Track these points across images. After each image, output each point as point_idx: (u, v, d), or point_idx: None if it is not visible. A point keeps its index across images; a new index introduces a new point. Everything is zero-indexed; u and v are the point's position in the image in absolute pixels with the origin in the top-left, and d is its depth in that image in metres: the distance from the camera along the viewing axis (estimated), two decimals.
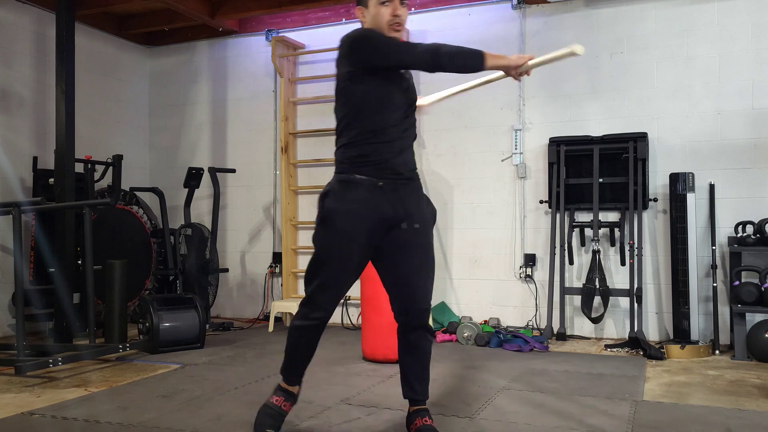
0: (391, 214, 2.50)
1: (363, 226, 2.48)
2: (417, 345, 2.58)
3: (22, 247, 4.15)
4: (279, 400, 2.66)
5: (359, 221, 2.48)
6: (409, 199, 2.54)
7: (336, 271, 2.52)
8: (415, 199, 2.57)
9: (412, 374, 2.60)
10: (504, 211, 5.41)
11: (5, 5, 5.39)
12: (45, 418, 2.95)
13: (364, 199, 2.48)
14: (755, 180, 4.72)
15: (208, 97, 6.54)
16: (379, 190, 2.49)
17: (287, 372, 2.68)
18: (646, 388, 3.51)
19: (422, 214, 2.58)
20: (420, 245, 2.55)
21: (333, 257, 2.51)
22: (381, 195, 2.49)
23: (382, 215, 2.49)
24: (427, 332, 2.59)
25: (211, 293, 5.78)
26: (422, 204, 2.60)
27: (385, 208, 2.49)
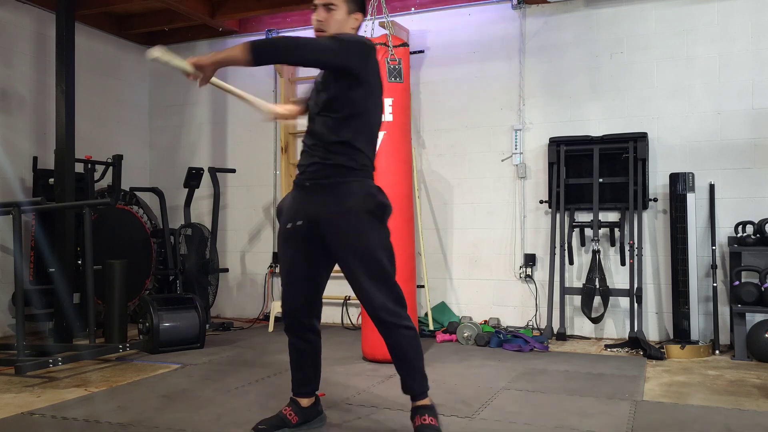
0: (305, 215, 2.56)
1: (284, 226, 2.63)
2: (388, 341, 2.57)
3: (22, 247, 4.14)
4: (287, 410, 2.72)
5: (283, 221, 2.65)
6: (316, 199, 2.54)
7: (286, 272, 2.66)
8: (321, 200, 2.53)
9: (398, 370, 2.61)
10: (504, 211, 5.41)
11: (5, 5, 5.39)
12: (45, 418, 2.96)
13: (287, 199, 2.68)
14: (755, 180, 4.72)
15: (208, 97, 6.54)
16: (298, 190, 2.62)
17: (292, 381, 2.75)
18: (646, 388, 3.51)
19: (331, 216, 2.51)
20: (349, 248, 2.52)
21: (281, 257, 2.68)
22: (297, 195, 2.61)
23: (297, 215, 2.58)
24: (390, 328, 2.53)
25: (211, 293, 5.78)
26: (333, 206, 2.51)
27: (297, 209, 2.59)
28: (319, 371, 2.79)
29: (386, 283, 2.52)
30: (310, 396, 2.76)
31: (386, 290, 2.51)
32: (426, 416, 2.55)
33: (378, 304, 2.50)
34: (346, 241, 2.50)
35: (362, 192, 2.52)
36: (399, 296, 2.54)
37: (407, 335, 2.54)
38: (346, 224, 2.50)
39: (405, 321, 2.54)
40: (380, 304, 2.50)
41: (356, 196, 2.50)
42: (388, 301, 2.51)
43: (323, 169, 2.53)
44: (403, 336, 2.54)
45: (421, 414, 2.56)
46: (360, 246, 2.49)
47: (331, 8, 2.59)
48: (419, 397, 2.59)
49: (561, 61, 5.26)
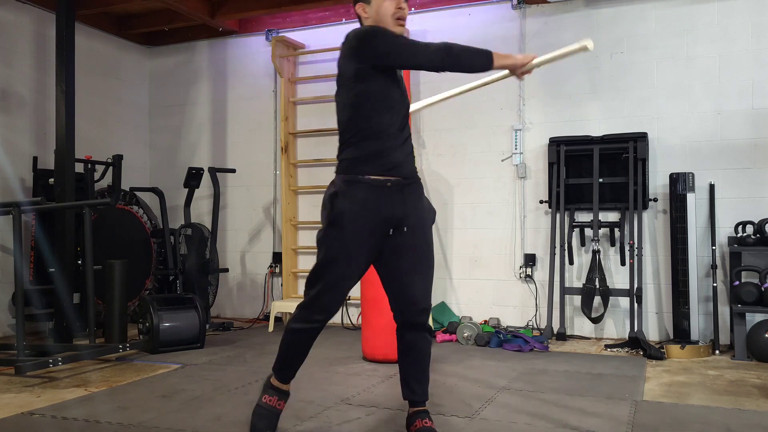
0: (395, 214, 2.48)
1: (371, 227, 2.46)
2: (415, 346, 2.56)
3: (22, 247, 4.14)
4: (272, 400, 2.62)
5: (368, 222, 2.45)
6: (411, 199, 2.53)
7: (343, 272, 2.49)
8: (417, 199, 2.56)
9: (411, 375, 2.58)
10: (504, 211, 5.41)
11: (5, 5, 5.39)
12: (45, 418, 2.95)
13: (373, 199, 2.45)
14: (755, 180, 4.72)
15: (208, 97, 6.54)
16: (385, 191, 2.47)
17: (281, 372, 2.64)
18: (646, 388, 3.51)
19: (421, 215, 2.56)
20: (418, 246, 2.53)
21: (342, 258, 2.47)
22: (387, 196, 2.47)
23: (388, 215, 2.47)
24: (425, 332, 2.58)
25: (211, 293, 5.78)
26: (422, 205, 2.58)
27: (390, 209, 2.47)
28: None
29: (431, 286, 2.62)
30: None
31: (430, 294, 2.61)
32: (427, 419, 2.57)
33: (427, 303, 2.58)
34: (427, 238, 2.56)
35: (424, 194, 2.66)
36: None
37: (430, 339, 2.62)
38: (429, 222, 2.59)
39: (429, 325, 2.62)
40: (429, 304, 2.59)
41: (425, 197, 2.63)
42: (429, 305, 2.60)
43: (413, 167, 2.57)
44: (427, 340, 2.59)
45: (422, 417, 2.57)
46: (431, 246, 2.59)
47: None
48: (421, 402, 2.61)
49: (561, 61, 5.24)
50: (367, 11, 2.55)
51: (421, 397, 2.60)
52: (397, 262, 2.52)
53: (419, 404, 2.60)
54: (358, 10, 2.58)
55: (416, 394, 2.59)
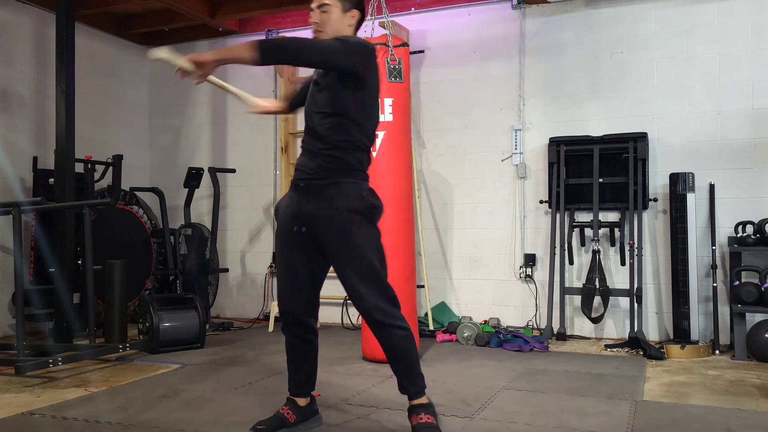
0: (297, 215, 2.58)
1: (281, 226, 2.66)
2: (385, 343, 2.56)
3: (22, 247, 4.14)
4: (285, 410, 2.72)
5: (280, 221, 2.68)
6: (312, 199, 2.55)
7: (281, 270, 2.66)
8: (317, 199, 2.53)
9: (395, 371, 2.61)
10: (504, 211, 5.41)
11: (5, 5, 5.39)
12: (45, 418, 2.96)
13: (285, 199, 2.68)
14: (755, 180, 4.72)
15: (208, 97, 6.54)
16: (295, 190, 2.62)
17: (289, 381, 2.75)
18: (646, 388, 3.51)
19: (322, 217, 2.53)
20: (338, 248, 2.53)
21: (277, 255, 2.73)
22: (294, 195, 2.62)
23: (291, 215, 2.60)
24: (383, 328, 2.52)
25: (211, 293, 5.78)
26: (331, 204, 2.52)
27: (293, 209, 2.60)
28: (316, 371, 2.78)
29: (377, 283, 2.52)
30: (307, 396, 2.76)
31: (377, 290, 2.51)
32: (422, 414, 2.55)
33: (370, 305, 2.50)
34: (336, 240, 2.52)
35: (353, 193, 2.53)
36: (391, 296, 2.54)
37: (400, 335, 2.54)
38: (336, 224, 2.51)
39: (398, 321, 2.53)
40: (372, 304, 2.50)
41: (347, 197, 2.52)
42: (379, 301, 2.51)
43: (319, 170, 2.54)
44: (397, 336, 2.53)
45: (418, 413, 2.56)
46: (350, 246, 2.51)
47: (325, 9, 2.58)
48: (416, 396, 2.60)
49: (561, 61, 5.26)
50: None
51: (406, 391, 2.60)
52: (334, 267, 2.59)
53: (413, 397, 2.60)
54: None
55: (405, 389, 2.60)
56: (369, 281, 2.50)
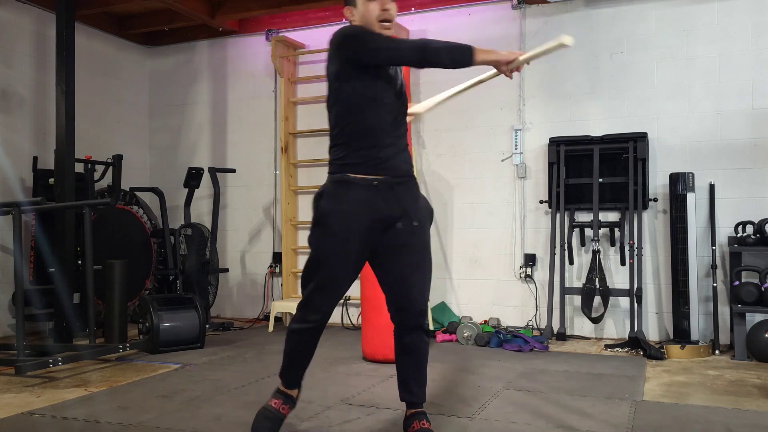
0: (386, 213, 2.47)
1: (359, 227, 2.45)
2: (413, 347, 2.55)
3: (22, 247, 4.14)
4: (277, 404, 2.63)
5: (355, 222, 2.44)
6: (404, 197, 2.52)
7: (333, 273, 2.48)
8: (411, 197, 2.54)
9: (409, 377, 2.58)
10: (504, 211, 5.41)
11: (5, 5, 5.39)
12: (45, 418, 2.95)
13: (360, 198, 2.45)
14: (755, 180, 4.72)
15: (208, 97, 6.54)
16: (373, 189, 2.46)
17: (285, 375, 2.65)
18: (646, 388, 3.51)
19: (418, 213, 2.55)
20: (415, 245, 2.52)
21: (329, 259, 2.47)
22: (376, 194, 2.46)
23: (378, 215, 2.46)
24: (423, 333, 2.56)
25: (211, 293, 5.78)
26: (419, 203, 2.57)
27: (381, 207, 2.46)
28: None
29: (429, 287, 2.61)
30: (300, 386, 2.72)
31: (428, 295, 2.60)
32: (424, 421, 2.56)
33: (424, 305, 2.56)
34: (423, 238, 2.55)
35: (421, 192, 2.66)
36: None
37: (427, 341, 2.60)
38: (426, 221, 2.58)
39: (428, 326, 2.61)
40: (423, 308, 2.55)
41: (421, 196, 2.63)
42: (426, 304, 2.58)
43: (407, 166, 2.56)
44: (425, 341, 2.58)
45: (420, 419, 2.56)
46: (428, 245, 2.58)
47: None
48: (419, 404, 2.60)
49: (561, 61, 5.26)
50: (353, 14, 2.56)
51: (419, 398, 2.59)
52: (392, 263, 2.52)
53: (417, 405, 2.59)
54: (346, 13, 2.60)
55: (414, 396, 2.58)
56: (427, 282, 2.58)
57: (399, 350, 2.58)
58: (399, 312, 2.54)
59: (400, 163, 2.53)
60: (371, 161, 2.47)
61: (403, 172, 2.53)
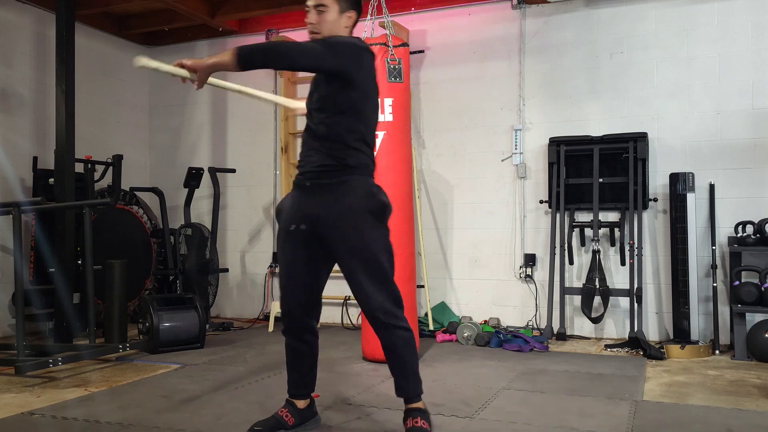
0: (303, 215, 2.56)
1: (283, 227, 2.62)
2: (388, 344, 2.54)
3: (22, 247, 4.14)
4: (284, 412, 2.69)
5: (283, 222, 2.63)
6: (324, 199, 2.51)
7: (285, 272, 2.63)
8: (329, 199, 2.50)
9: (394, 372, 2.59)
10: (504, 211, 5.41)
11: (5, 5, 5.39)
12: (45, 418, 2.95)
13: (288, 199, 2.65)
14: (755, 180, 4.72)
15: (208, 97, 6.54)
16: (298, 190, 2.60)
17: (288, 382, 2.73)
18: (646, 388, 3.51)
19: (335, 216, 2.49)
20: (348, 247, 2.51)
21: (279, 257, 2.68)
22: (298, 195, 2.60)
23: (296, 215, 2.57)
24: (394, 329, 2.51)
25: (211, 293, 5.78)
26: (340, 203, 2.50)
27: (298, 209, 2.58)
28: (315, 372, 2.76)
29: (385, 283, 2.51)
30: (306, 397, 2.74)
31: (385, 290, 2.50)
32: (418, 419, 2.54)
33: (376, 305, 2.49)
34: (347, 240, 2.49)
35: (362, 191, 2.51)
36: (397, 297, 2.53)
37: (403, 336, 2.53)
38: (346, 223, 2.48)
39: (401, 322, 2.52)
40: (378, 305, 2.49)
41: (356, 195, 2.49)
42: (386, 301, 2.50)
43: (323, 169, 2.52)
44: (399, 337, 2.52)
45: (414, 417, 2.55)
46: (360, 245, 2.48)
47: (322, 9, 2.56)
48: (412, 399, 2.59)
49: (561, 61, 5.26)
50: None
51: (408, 392, 2.58)
52: (341, 268, 2.58)
53: (410, 400, 2.59)
54: None
55: (403, 390, 2.59)
56: (377, 281, 2.49)
57: (382, 347, 2.60)
58: (364, 313, 2.57)
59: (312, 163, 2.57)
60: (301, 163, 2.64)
61: (315, 176, 2.55)
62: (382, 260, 2.50)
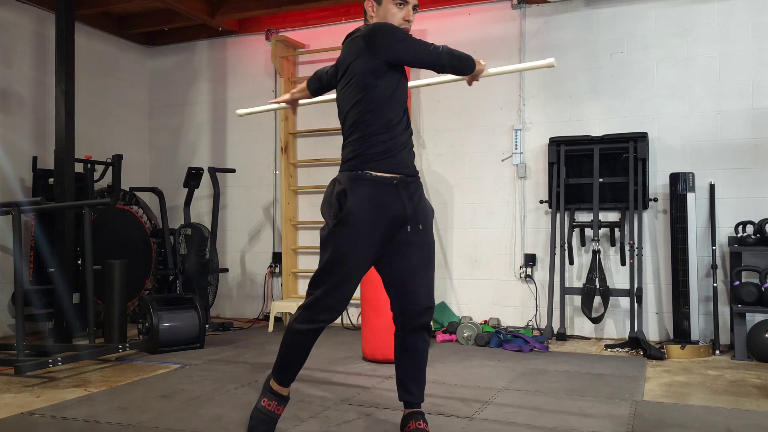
0: (402, 212, 2.48)
1: (380, 224, 2.45)
2: (414, 347, 2.54)
3: (22, 247, 4.14)
4: (272, 405, 2.59)
5: (377, 219, 2.44)
6: (415, 197, 2.53)
7: (351, 271, 2.47)
8: (419, 198, 2.55)
9: (409, 377, 2.57)
10: (504, 211, 5.41)
11: (5, 5, 5.39)
12: (45, 418, 2.95)
13: (380, 197, 2.45)
14: (755, 180, 4.72)
15: (208, 97, 6.54)
16: (393, 188, 2.47)
17: (281, 374, 2.61)
18: (646, 388, 3.51)
19: (426, 212, 2.57)
20: (423, 243, 2.53)
21: (350, 256, 2.45)
22: (395, 192, 2.47)
23: (396, 213, 2.47)
24: (426, 333, 2.56)
25: (211, 293, 5.77)
26: (424, 203, 2.59)
27: (398, 206, 2.47)
28: None
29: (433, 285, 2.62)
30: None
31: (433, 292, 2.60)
32: (421, 421, 2.56)
33: (430, 304, 2.55)
34: (426, 237, 2.54)
35: None
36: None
37: (429, 340, 2.61)
38: (427, 221, 2.57)
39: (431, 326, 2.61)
40: (431, 305, 2.55)
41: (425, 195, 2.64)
42: (433, 303, 2.58)
43: (414, 165, 2.58)
44: (427, 343, 2.59)
45: (416, 419, 2.56)
46: (433, 244, 2.60)
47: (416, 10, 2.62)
48: (417, 404, 2.60)
49: (561, 61, 5.25)
50: (375, 11, 2.57)
51: (418, 398, 2.59)
52: (401, 261, 2.51)
53: (415, 405, 2.59)
54: (367, 6, 2.59)
55: (413, 396, 2.58)
56: (433, 282, 2.58)
57: (399, 350, 2.57)
58: (404, 311, 2.53)
59: (411, 162, 2.56)
60: (392, 159, 2.48)
61: (414, 171, 2.57)
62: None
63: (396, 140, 2.49)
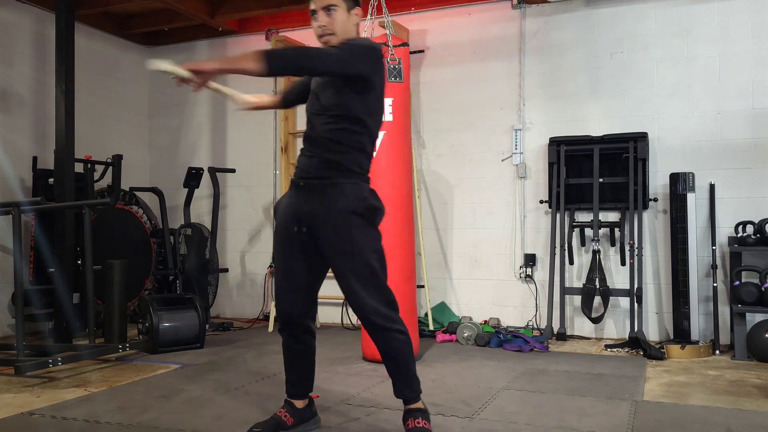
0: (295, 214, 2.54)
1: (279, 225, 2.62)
2: (385, 348, 2.52)
3: (22, 247, 4.14)
4: (282, 412, 2.68)
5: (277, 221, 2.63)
6: (312, 200, 2.49)
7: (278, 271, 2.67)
8: (317, 199, 2.49)
9: (390, 375, 2.58)
10: (504, 211, 5.41)
11: (5, 5, 5.39)
12: (45, 418, 2.95)
13: (287, 198, 2.61)
14: (755, 180, 4.72)
15: (208, 97, 6.54)
16: (295, 189, 2.58)
17: (286, 382, 2.72)
18: (646, 388, 3.51)
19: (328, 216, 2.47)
20: (337, 250, 2.48)
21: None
22: (293, 195, 2.57)
23: (291, 216, 2.55)
24: (390, 333, 2.49)
25: (211, 293, 5.78)
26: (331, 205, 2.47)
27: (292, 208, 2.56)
28: (313, 372, 2.74)
29: (376, 286, 2.48)
30: (304, 397, 2.73)
31: (377, 293, 2.47)
32: (419, 419, 2.53)
33: (369, 308, 2.46)
34: (336, 242, 2.47)
35: (353, 194, 2.48)
36: (390, 299, 2.50)
37: (399, 339, 2.50)
38: (335, 225, 2.46)
39: (397, 325, 2.49)
40: (371, 308, 2.45)
41: (347, 198, 2.47)
42: (379, 304, 2.46)
43: (319, 170, 2.50)
44: (396, 340, 2.49)
45: (414, 417, 2.54)
46: (350, 248, 2.46)
47: (332, 10, 2.53)
48: (412, 401, 2.58)
49: (561, 61, 5.26)
50: None
51: (405, 394, 2.57)
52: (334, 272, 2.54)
53: (409, 401, 2.58)
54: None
55: (400, 392, 2.58)
56: (368, 284, 2.46)
57: (379, 352, 2.57)
58: (358, 317, 2.53)
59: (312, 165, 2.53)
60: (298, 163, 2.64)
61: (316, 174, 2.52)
62: (372, 263, 2.47)
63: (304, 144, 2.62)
